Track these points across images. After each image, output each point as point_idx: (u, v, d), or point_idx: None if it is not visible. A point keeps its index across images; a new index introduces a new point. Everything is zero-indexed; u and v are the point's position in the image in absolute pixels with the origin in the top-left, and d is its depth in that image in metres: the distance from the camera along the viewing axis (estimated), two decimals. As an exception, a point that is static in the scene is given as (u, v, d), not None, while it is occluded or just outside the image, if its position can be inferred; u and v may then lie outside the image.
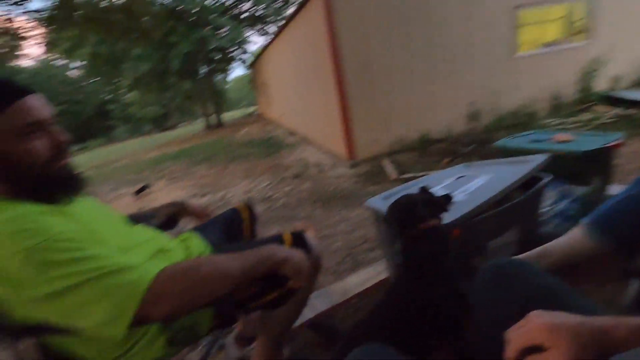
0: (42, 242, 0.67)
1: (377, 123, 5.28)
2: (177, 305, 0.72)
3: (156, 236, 1.07)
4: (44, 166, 0.78)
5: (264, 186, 5.03)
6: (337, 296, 1.78)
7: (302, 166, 5.58)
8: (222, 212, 1.47)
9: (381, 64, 5.13)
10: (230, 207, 1.46)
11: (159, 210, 1.35)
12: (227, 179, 6.03)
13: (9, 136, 0.74)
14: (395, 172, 4.31)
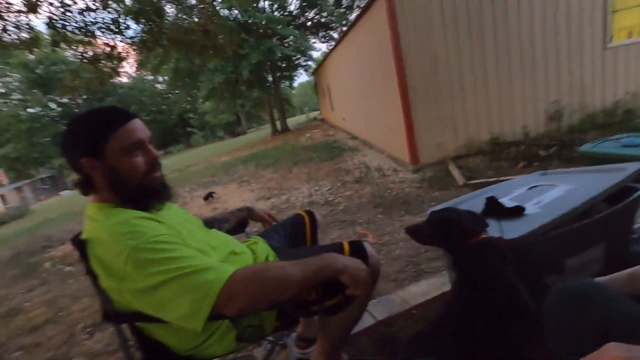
0: (140, 243, 0.80)
1: (443, 125, 5.06)
2: (246, 305, 0.80)
3: (228, 239, 1.18)
4: (141, 178, 0.92)
5: (326, 190, 5.13)
6: (397, 305, 1.76)
7: (364, 170, 5.57)
8: (286, 217, 1.56)
9: (448, 63, 4.91)
10: (294, 210, 1.54)
11: (230, 215, 1.48)
12: (291, 182, 6.27)
13: (118, 153, 0.89)
14: (463, 177, 4.08)
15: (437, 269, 2.18)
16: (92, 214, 0.90)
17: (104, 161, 0.88)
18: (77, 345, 2.36)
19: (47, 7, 4.13)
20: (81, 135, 0.88)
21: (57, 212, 12.81)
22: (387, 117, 5.85)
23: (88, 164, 0.88)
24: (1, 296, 3.99)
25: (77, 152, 0.88)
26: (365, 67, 6.79)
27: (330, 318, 1.09)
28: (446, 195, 3.71)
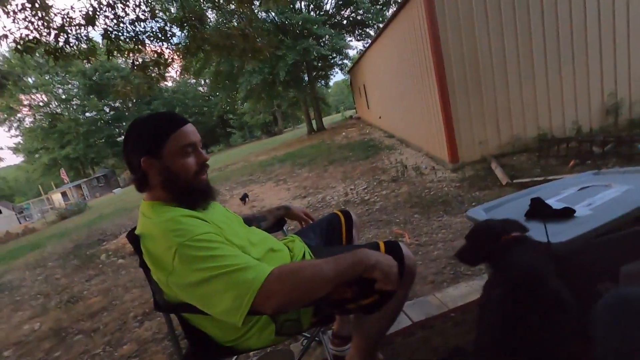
0: (187, 240, 0.86)
1: (485, 122, 4.84)
2: (283, 303, 0.84)
3: (267, 237, 1.23)
4: (191, 178, 0.99)
5: (362, 189, 5.11)
6: (434, 308, 1.72)
7: (400, 169, 5.47)
8: (322, 216, 1.58)
9: (490, 55, 4.69)
10: (329, 209, 1.56)
11: (267, 213, 1.53)
12: (326, 181, 6.31)
13: (174, 154, 0.97)
14: (506, 176, 3.89)
15: (477, 271, 2.11)
16: (145, 210, 0.98)
17: (160, 160, 0.96)
18: (129, 332, 2.55)
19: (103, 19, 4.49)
20: (142, 136, 0.97)
21: (110, 209, 13.83)
22: (425, 115, 5.71)
23: (147, 162, 0.96)
24: (64, 284, 4.40)
25: (138, 152, 0.96)
26: (402, 64, 6.66)
27: (366, 317, 1.10)
28: (488, 195, 3.56)
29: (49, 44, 4.31)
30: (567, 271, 1.13)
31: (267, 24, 17.23)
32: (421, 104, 5.84)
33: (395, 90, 7.89)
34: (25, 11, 4.11)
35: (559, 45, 4.70)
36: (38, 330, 3.06)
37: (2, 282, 5.64)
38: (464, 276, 2.11)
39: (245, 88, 19.32)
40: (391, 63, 7.78)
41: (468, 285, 1.88)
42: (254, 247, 1.08)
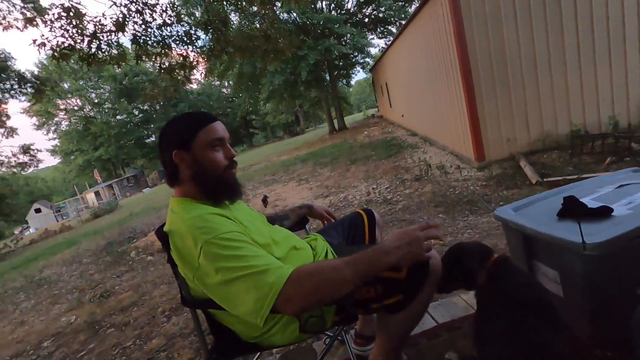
0: (212, 238, 0.88)
1: (513, 118, 4.67)
2: (303, 305, 0.84)
3: (290, 235, 1.24)
4: (221, 172, 1.03)
5: (384, 188, 5.05)
6: (460, 309, 1.68)
7: (424, 168, 5.37)
8: (344, 215, 1.58)
9: (518, 49, 4.52)
10: (351, 208, 1.55)
11: (290, 212, 1.54)
12: (348, 181, 6.29)
13: (203, 147, 1.00)
14: (537, 175, 3.74)
15: (506, 273, 2.04)
16: (174, 207, 1.01)
17: (191, 153, 1.00)
18: (157, 326, 2.65)
19: (132, 25, 4.67)
20: (175, 132, 1.02)
21: (139, 208, 14.37)
22: (450, 112, 5.57)
23: (178, 155, 1.00)
24: (97, 280, 4.61)
25: (171, 146, 1.01)
26: (425, 60, 6.54)
27: (390, 317, 1.09)
28: (516, 195, 3.44)
29: (82, 50, 4.53)
30: (603, 275, 1.07)
31: (289, 24, 17.36)
32: (445, 100, 5.71)
33: (419, 87, 7.76)
34: (61, 20, 4.33)
35: (593, 36, 4.47)
36: (74, 323, 3.22)
37: (42, 277, 5.99)
38: (492, 278, 2.05)
39: (267, 89, 19.57)
40: (414, 60, 7.65)
41: (496, 287, 1.81)
42: (277, 245, 1.09)
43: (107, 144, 38.82)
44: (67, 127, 40.01)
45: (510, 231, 1.42)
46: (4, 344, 3.27)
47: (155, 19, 4.84)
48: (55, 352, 2.72)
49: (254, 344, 1.09)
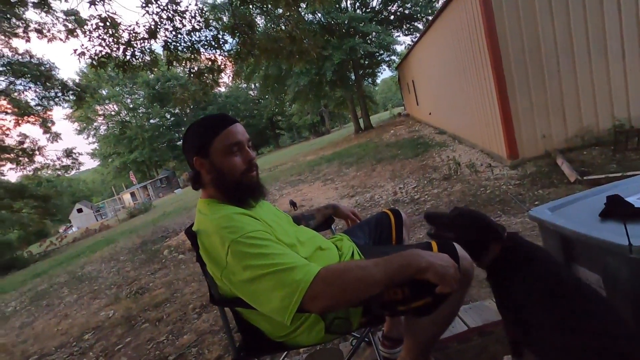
0: (239, 237, 0.89)
1: (549, 113, 4.44)
2: (329, 304, 0.84)
3: (315, 235, 1.23)
4: (240, 176, 1.03)
5: (411, 188, 4.96)
6: (492, 313, 1.61)
7: (453, 167, 5.22)
8: (370, 215, 1.56)
9: (554, 41, 4.29)
10: (378, 208, 1.53)
11: (316, 212, 1.54)
12: (374, 180, 6.22)
13: (220, 153, 1.01)
14: (575, 173, 3.53)
15: (542, 276, 1.94)
16: (201, 208, 1.04)
17: (209, 159, 1.02)
18: (189, 323, 2.73)
19: (163, 32, 4.85)
20: (194, 138, 1.04)
21: (172, 207, 14.92)
22: (480, 108, 5.38)
23: (198, 162, 1.03)
24: (133, 277, 4.83)
25: (191, 152, 1.04)
26: (454, 56, 6.35)
27: (418, 320, 1.06)
28: (553, 194, 3.27)
29: (118, 57, 4.75)
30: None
31: (314, 25, 17.42)
32: (475, 96, 5.52)
33: (447, 84, 7.55)
34: (98, 30, 4.57)
35: (638, 22, 4.16)
36: (112, 317, 3.39)
37: (84, 273, 6.35)
38: (526, 281, 1.95)
39: (293, 90, 19.73)
40: (442, 56, 7.46)
41: (531, 291, 1.73)
42: (303, 245, 1.10)
43: (141, 146, 40.68)
44: (105, 132, 42.29)
45: (547, 232, 1.34)
46: (50, 335, 3.49)
47: (185, 25, 5.00)
48: (95, 345, 2.87)
49: (280, 343, 1.09)
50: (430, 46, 8.52)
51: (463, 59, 5.78)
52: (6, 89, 14.54)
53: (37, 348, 3.24)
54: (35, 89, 14.86)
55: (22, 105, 14.97)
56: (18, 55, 13.92)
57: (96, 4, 4.31)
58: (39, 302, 5.23)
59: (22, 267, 12.32)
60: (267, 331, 1.09)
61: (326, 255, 1.15)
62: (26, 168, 15.91)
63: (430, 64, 9.14)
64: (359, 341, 1.21)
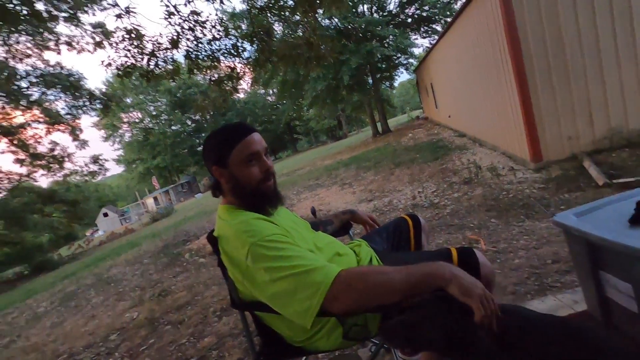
0: (258, 240, 0.91)
1: (574, 114, 4.29)
2: (350, 306, 0.84)
3: (333, 241, 1.24)
4: (256, 186, 1.05)
5: (430, 192, 4.89)
6: (516, 322, 1.56)
7: (473, 170, 5.11)
8: (388, 221, 1.55)
9: (579, 39, 4.14)
10: (396, 213, 1.52)
11: (333, 218, 1.55)
12: (393, 184, 6.16)
13: (238, 163, 1.04)
14: (604, 176, 3.40)
15: (568, 284, 1.87)
16: (221, 214, 1.07)
17: (228, 169, 1.04)
18: (209, 326, 2.78)
19: (185, 42, 5.02)
20: (213, 147, 1.07)
21: (193, 212, 15.24)
22: (502, 110, 5.26)
23: (217, 171, 1.06)
24: (156, 279, 4.95)
25: (210, 161, 1.07)
26: (474, 57, 6.25)
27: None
28: (580, 198, 3.15)
29: (142, 67, 4.94)
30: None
31: (331, 30, 17.52)
32: (497, 98, 5.40)
33: (466, 86, 7.42)
34: (124, 41, 4.77)
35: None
36: (136, 319, 3.49)
37: (110, 275, 6.57)
38: (552, 288, 1.89)
39: (310, 95, 19.84)
40: (461, 57, 7.34)
41: (556, 299, 1.68)
42: (321, 251, 1.10)
43: (163, 152, 41.89)
44: (130, 138, 43.83)
45: (573, 238, 1.30)
46: (78, 335, 3.63)
47: (205, 34, 5.15)
48: (121, 345, 2.96)
49: (299, 348, 1.10)
50: (449, 48, 8.41)
51: (483, 60, 5.68)
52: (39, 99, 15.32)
53: (66, 347, 3.37)
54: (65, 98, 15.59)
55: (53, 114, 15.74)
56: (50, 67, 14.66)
57: (122, 16, 4.50)
58: (68, 303, 5.45)
59: (52, 269, 12.87)
60: (287, 336, 1.10)
61: (344, 261, 1.15)
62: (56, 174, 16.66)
63: (449, 66, 9.02)
64: (378, 348, 1.20)
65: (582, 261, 1.28)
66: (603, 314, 1.30)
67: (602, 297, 1.27)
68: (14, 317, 5.82)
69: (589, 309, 1.43)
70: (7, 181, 15.29)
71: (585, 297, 1.42)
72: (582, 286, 1.42)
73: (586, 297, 1.41)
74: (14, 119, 15.38)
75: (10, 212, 14.55)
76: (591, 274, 1.25)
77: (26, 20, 6.09)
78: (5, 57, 12.86)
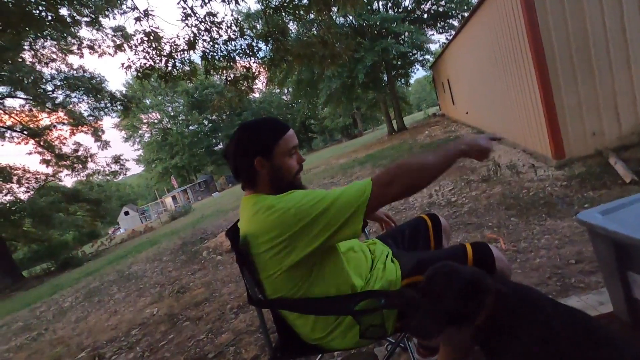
0: (298, 200, 0.96)
1: (599, 109, 4.13)
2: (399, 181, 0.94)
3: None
4: (293, 177, 1.09)
5: (448, 190, 4.81)
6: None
7: (492, 168, 5.00)
8: (404, 222, 1.53)
9: (604, 30, 3.98)
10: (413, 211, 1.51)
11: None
12: (409, 183, 6.09)
13: (283, 154, 1.06)
14: (631, 173, 3.26)
15: (592, 284, 1.81)
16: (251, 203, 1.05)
17: (272, 161, 1.06)
18: (227, 322, 2.82)
19: (201, 43, 5.09)
20: (256, 139, 1.07)
21: (210, 210, 15.50)
22: (522, 106, 5.12)
23: (259, 162, 1.05)
24: (175, 276, 5.07)
25: (250, 153, 1.06)
26: (492, 52, 6.10)
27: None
28: (605, 196, 3.04)
29: (160, 69, 5.05)
30: None
31: (345, 28, 17.43)
32: (516, 93, 5.26)
33: (485, 81, 7.25)
34: (143, 44, 4.89)
35: None
36: (156, 315, 3.58)
37: (131, 272, 6.76)
38: (575, 289, 1.83)
39: (325, 93, 19.84)
40: (479, 53, 7.18)
41: (580, 300, 1.62)
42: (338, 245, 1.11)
43: (181, 152, 42.74)
44: (149, 139, 44.90)
45: (598, 237, 1.26)
46: (102, 329, 3.75)
47: (221, 35, 5.22)
48: (142, 340, 3.04)
49: (315, 346, 1.11)
50: (467, 43, 8.24)
51: (502, 55, 5.54)
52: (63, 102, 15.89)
53: (90, 341, 3.49)
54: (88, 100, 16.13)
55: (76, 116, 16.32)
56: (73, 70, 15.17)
57: (141, 20, 4.60)
58: (92, 298, 5.64)
59: (76, 266, 13.35)
60: (304, 333, 1.10)
61: (358, 257, 1.15)
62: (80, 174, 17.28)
63: (466, 61, 8.84)
64: (394, 346, 1.19)
65: (608, 261, 1.23)
66: (630, 316, 1.26)
67: (629, 299, 1.22)
68: (42, 312, 6.07)
69: (615, 310, 1.38)
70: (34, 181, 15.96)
71: (612, 298, 1.37)
72: (608, 287, 1.37)
73: (612, 298, 1.36)
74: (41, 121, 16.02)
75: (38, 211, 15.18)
76: (618, 274, 1.20)
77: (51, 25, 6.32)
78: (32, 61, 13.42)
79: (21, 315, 6.39)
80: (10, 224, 14.80)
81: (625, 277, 1.20)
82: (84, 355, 3.16)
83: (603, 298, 1.54)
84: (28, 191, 16.03)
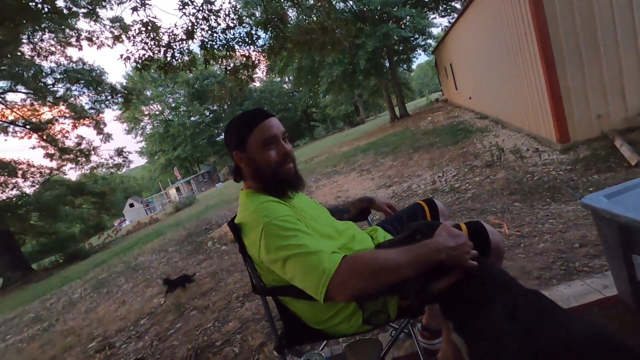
0: (271, 220, 0.94)
1: (605, 91, 4.06)
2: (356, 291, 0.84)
3: (351, 226, 1.25)
4: (274, 169, 1.07)
5: (451, 176, 4.79)
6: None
7: (496, 153, 4.96)
8: (403, 209, 1.53)
9: (611, 9, 3.89)
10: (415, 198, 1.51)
11: (350, 206, 1.54)
12: (412, 170, 6.08)
13: (256, 147, 1.06)
14: (637, 155, 3.22)
15: (596, 268, 1.81)
16: (242, 200, 1.10)
17: (247, 154, 1.07)
18: (233, 311, 2.86)
19: (200, 32, 5.04)
20: (233, 133, 1.10)
21: (213, 201, 15.58)
22: (526, 89, 5.05)
23: (237, 156, 1.09)
24: (181, 267, 5.12)
25: (231, 147, 1.10)
26: (495, 35, 5.98)
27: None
28: (611, 179, 3.01)
29: (159, 59, 5.01)
30: None
31: (345, 14, 17.12)
32: (520, 77, 5.17)
33: (488, 65, 7.14)
34: (141, 34, 4.83)
35: None
36: (164, 305, 3.63)
37: (137, 263, 6.85)
38: (579, 273, 1.83)
39: (326, 81, 19.63)
40: (482, 35, 7.05)
41: (585, 284, 1.62)
42: (340, 234, 1.13)
43: (183, 143, 42.73)
44: (151, 130, 44.86)
45: (603, 221, 1.25)
46: (111, 319, 3.82)
47: (219, 23, 5.15)
48: (150, 329, 3.10)
49: (320, 332, 1.12)
50: (470, 26, 8.08)
51: (505, 37, 5.43)
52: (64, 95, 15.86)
53: (100, 331, 3.56)
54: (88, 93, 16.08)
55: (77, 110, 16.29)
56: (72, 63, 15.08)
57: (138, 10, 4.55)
58: (100, 289, 5.73)
59: (84, 258, 13.54)
60: (307, 318, 1.12)
61: (361, 245, 1.15)
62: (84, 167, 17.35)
63: (469, 45, 8.69)
64: (398, 332, 1.20)
65: (612, 244, 1.22)
66: (634, 299, 1.26)
67: (633, 282, 1.22)
68: (52, 303, 6.19)
69: (619, 293, 1.38)
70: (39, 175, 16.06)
71: (616, 281, 1.37)
72: (612, 270, 1.37)
73: (616, 282, 1.36)
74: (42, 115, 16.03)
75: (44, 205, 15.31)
76: (622, 257, 1.20)
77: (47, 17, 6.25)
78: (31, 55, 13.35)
79: (32, 307, 6.52)
80: (18, 218, 14.96)
81: (630, 260, 1.19)
82: (94, 345, 3.23)
83: (607, 281, 1.54)
84: (33, 185, 16.14)
